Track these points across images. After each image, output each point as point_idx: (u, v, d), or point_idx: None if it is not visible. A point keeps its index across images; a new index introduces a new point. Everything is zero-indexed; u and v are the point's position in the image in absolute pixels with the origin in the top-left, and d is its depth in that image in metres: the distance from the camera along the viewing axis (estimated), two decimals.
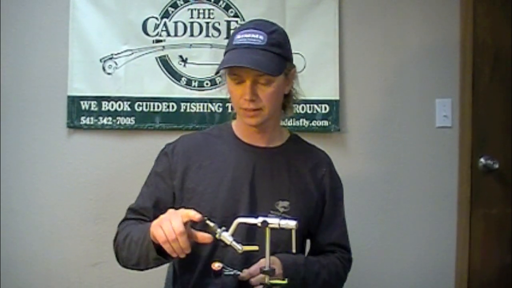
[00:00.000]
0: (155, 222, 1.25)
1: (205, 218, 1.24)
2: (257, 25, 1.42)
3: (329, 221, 1.54)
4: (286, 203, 1.45)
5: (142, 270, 1.40)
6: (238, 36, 1.40)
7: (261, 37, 1.38)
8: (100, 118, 2.24)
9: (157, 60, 2.25)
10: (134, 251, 1.35)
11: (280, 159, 1.51)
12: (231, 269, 1.33)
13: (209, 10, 2.26)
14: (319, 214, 1.53)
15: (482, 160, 2.30)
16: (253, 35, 1.38)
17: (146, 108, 2.25)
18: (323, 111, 2.26)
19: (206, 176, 1.46)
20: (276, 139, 1.54)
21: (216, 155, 1.49)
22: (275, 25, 1.46)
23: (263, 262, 1.28)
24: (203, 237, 1.25)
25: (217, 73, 1.43)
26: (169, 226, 1.20)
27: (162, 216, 1.25)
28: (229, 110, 2.18)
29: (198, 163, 1.48)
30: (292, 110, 1.57)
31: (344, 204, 1.60)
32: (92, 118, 2.24)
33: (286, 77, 1.45)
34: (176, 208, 1.29)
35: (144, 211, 1.47)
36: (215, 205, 1.43)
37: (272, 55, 1.38)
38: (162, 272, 1.60)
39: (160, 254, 1.28)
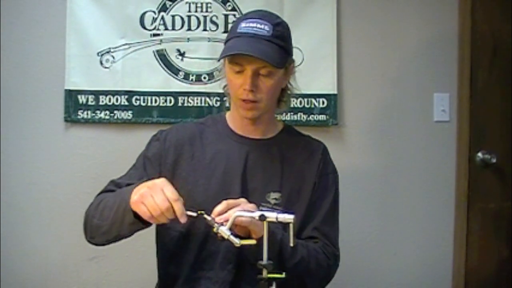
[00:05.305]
0: (135, 197, 1.22)
1: (202, 212, 1.23)
2: (263, 15, 1.41)
3: (314, 204, 1.48)
4: (277, 195, 1.44)
5: (109, 241, 1.36)
6: (243, 24, 1.39)
7: (266, 27, 1.37)
8: (98, 112, 2.23)
9: (154, 54, 2.24)
10: (107, 216, 1.32)
11: (274, 150, 1.50)
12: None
13: (207, 3, 2.24)
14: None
15: (479, 154, 2.30)
16: (258, 25, 1.37)
17: (144, 102, 2.24)
18: (321, 105, 2.26)
19: (199, 167, 1.46)
20: (270, 131, 1.53)
21: (209, 146, 1.48)
22: (279, 17, 1.45)
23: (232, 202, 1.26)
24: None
25: (219, 59, 1.41)
26: (152, 201, 1.19)
27: (142, 191, 1.21)
28: (227, 104, 2.17)
29: (191, 153, 1.47)
30: (286, 105, 1.56)
31: (337, 195, 1.53)
32: (89, 112, 2.23)
33: (285, 71, 1.45)
34: None
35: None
36: (206, 197, 1.41)
37: (276, 47, 1.37)
38: None
39: (137, 218, 1.25)
